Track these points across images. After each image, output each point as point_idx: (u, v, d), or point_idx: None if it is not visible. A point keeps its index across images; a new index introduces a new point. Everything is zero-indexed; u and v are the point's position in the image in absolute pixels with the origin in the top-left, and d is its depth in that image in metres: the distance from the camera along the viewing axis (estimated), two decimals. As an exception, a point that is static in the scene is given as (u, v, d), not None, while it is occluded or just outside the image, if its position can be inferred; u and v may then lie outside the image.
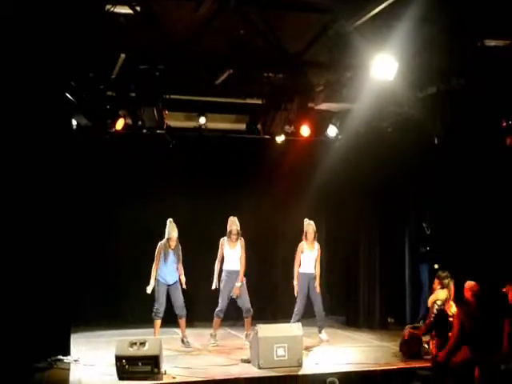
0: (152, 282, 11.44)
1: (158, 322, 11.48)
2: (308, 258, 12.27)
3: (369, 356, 10.87)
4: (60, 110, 10.40)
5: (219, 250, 11.88)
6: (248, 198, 13.98)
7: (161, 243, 11.63)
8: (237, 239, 11.84)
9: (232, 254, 11.85)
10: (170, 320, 11.84)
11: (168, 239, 11.58)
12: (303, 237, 12.31)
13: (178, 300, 11.60)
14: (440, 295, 10.25)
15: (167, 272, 11.57)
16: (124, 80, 11.14)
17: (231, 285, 11.79)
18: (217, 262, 11.86)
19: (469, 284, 9.42)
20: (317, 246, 12.36)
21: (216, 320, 11.83)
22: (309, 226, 12.29)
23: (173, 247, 11.60)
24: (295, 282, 12.25)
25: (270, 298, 14.41)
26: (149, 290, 11.42)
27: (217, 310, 11.80)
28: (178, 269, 11.66)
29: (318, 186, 14.11)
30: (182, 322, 11.69)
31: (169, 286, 11.56)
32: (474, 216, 11.87)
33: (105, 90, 11.14)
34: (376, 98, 10.80)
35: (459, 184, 12.11)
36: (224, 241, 11.89)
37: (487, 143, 11.18)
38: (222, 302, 11.78)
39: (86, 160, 12.62)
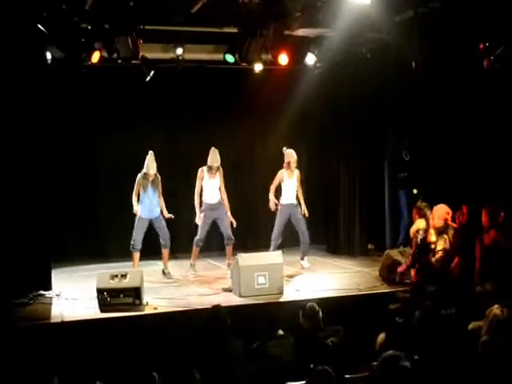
0: (135, 207, 11.47)
1: (136, 254, 11.55)
2: (289, 187, 12.22)
3: (349, 281, 11.01)
4: (33, 41, 10.26)
5: (197, 182, 11.84)
6: (227, 129, 13.93)
7: (139, 175, 11.58)
8: (216, 172, 11.82)
9: (212, 186, 11.83)
10: (150, 252, 11.90)
11: (145, 174, 11.54)
12: (284, 165, 12.26)
13: (163, 231, 11.66)
14: (420, 224, 10.32)
15: (148, 206, 11.59)
16: (98, 11, 10.93)
17: (211, 216, 11.81)
18: (196, 194, 11.83)
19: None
20: (296, 173, 12.30)
21: (195, 249, 11.89)
22: (291, 155, 12.20)
23: (150, 180, 11.55)
24: (271, 196, 12.22)
25: (251, 228, 14.47)
26: (134, 210, 11.49)
27: (196, 239, 11.85)
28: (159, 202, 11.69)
29: (297, 116, 14.03)
30: (166, 252, 11.75)
31: (151, 220, 11.60)
32: (452, 141, 11.86)
33: (79, 23, 10.95)
34: (353, 23, 10.65)
35: (438, 109, 12.06)
36: (203, 172, 11.84)
37: (465, 66, 11.10)
38: (201, 232, 11.81)
39: (62, 94, 12.47)
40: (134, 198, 11.51)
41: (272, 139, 14.01)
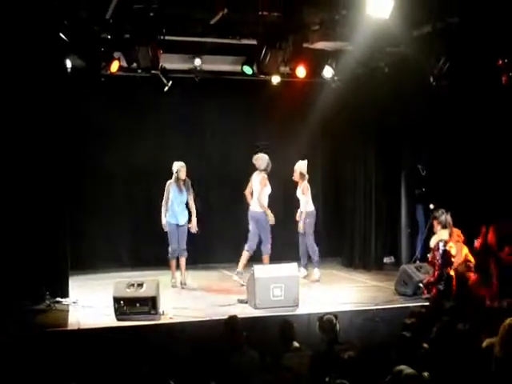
0: (164, 220, 11.61)
1: (174, 262, 11.69)
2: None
3: (365, 295, 11.04)
4: (53, 49, 10.41)
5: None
6: (244, 139, 13.95)
7: (169, 181, 11.72)
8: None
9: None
10: (167, 262, 11.89)
11: (178, 171, 11.64)
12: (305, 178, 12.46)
13: (183, 241, 11.72)
14: (443, 235, 10.24)
15: (178, 212, 11.70)
16: (118, 21, 11.01)
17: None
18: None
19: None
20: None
21: (247, 255, 11.96)
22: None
23: (183, 178, 11.67)
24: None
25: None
26: (164, 224, 11.64)
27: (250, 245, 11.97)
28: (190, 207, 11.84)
29: (314, 128, 14.05)
30: (182, 261, 11.80)
31: (178, 226, 11.67)
32: (469, 156, 11.86)
33: (99, 32, 11.03)
34: (371, 37, 10.67)
35: (455, 123, 12.07)
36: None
37: (483, 82, 11.11)
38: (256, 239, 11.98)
39: (81, 102, 12.51)
40: (164, 210, 11.65)
41: (289, 150, 13.99)
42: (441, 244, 10.11)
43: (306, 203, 12.50)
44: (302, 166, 12.48)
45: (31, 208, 10.18)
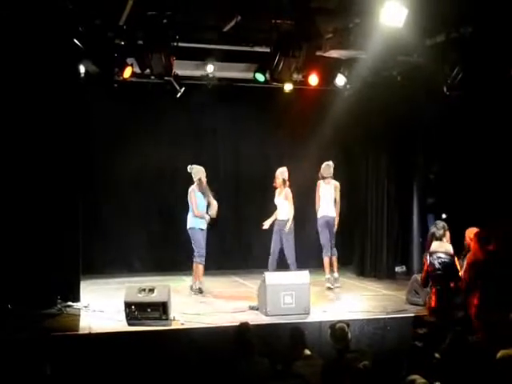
0: (206, 216, 11.64)
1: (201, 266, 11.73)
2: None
3: (376, 304, 10.98)
4: (68, 55, 10.45)
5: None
6: (255, 146, 13.95)
7: (192, 188, 11.73)
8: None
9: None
10: (178, 267, 11.90)
11: (199, 179, 11.70)
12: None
13: (200, 245, 11.70)
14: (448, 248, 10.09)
15: (199, 217, 11.68)
16: (132, 27, 11.05)
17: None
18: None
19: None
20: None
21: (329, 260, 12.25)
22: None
23: (204, 184, 11.69)
24: None
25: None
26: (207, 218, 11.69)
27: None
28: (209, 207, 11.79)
29: (325, 136, 14.01)
30: (201, 267, 11.77)
31: (202, 230, 11.72)
32: (481, 166, 11.85)
33: (113, 38, 11.08)
34: (385, 45, 10.68)
35: (468, 133, 12.07)
36: None
37: (496, 92, 11.11)
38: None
39: (94, 107, 12.53)
40: (196, 210, 11.62)
41: (301, 158, 13.99)
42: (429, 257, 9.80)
43: (290, 210, 12.25)
44: (283, 172, 12.32)
45: (44, 212, 10.22)
